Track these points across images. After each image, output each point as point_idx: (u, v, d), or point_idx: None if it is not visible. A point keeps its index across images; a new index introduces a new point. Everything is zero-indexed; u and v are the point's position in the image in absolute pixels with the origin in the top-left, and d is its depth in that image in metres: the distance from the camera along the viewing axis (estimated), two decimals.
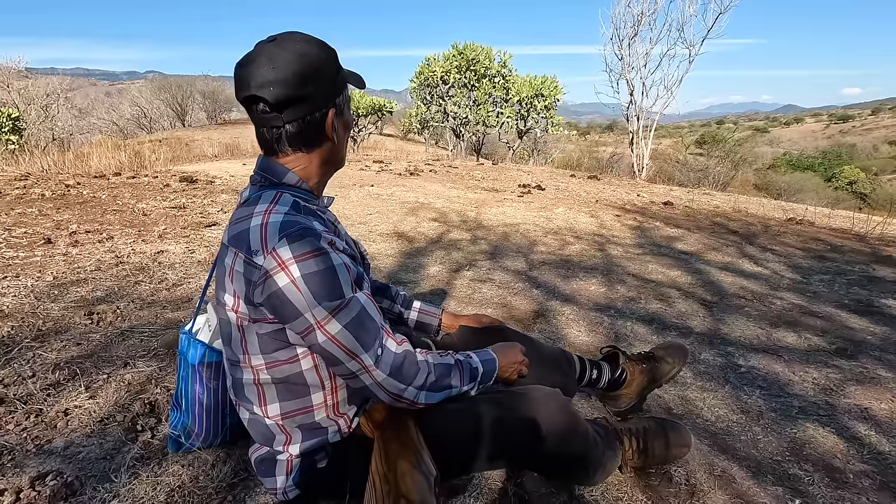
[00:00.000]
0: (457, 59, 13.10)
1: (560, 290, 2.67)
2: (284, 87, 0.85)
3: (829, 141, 60.93)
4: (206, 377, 1.11)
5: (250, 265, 0.84)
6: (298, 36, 0.89)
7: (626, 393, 1.45)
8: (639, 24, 10.03)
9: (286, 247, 0.82)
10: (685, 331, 2.20)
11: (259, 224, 0.85)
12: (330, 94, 0.91)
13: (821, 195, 18.94)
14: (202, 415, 1.13)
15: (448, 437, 0.97)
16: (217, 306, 0.94)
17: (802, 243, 4.02)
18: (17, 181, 5.14)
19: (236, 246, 0.87)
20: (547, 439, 0.97)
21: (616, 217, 4.86)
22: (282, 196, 0.90)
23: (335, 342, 0.84)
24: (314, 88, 0.88)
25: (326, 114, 0.91)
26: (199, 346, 1.10)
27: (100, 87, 58.65)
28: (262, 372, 0.92)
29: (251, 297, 0.85)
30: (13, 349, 1.70)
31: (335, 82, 0.92)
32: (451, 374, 0.95)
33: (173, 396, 1.17)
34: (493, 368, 1.05)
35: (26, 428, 1.30)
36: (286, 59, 0.85)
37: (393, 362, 0.88)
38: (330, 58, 0.90)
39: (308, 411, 0.95)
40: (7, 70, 14.72)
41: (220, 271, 0.92)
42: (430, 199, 5.30)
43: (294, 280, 0.81)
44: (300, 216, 0.88)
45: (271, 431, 0.96)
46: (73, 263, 2.68)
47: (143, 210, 4.17)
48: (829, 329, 2.26)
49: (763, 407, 1.62)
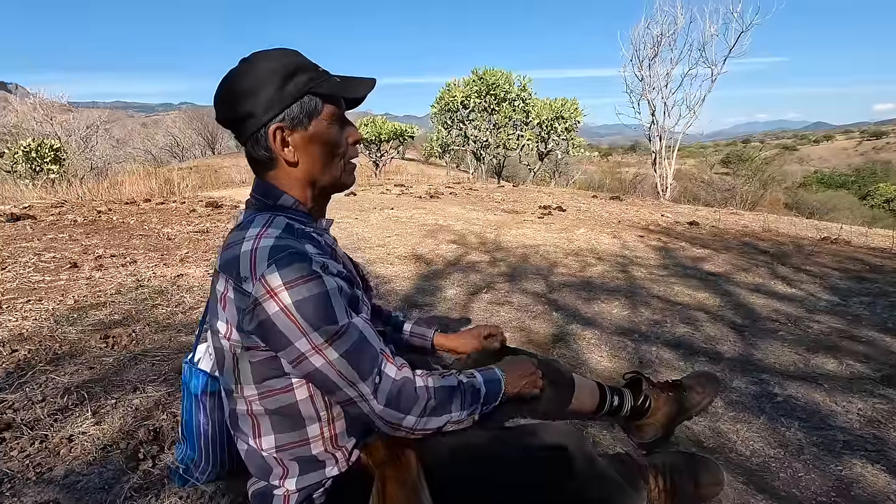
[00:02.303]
0: (477, 84, 13.28)
1: (581, 314, 2.58)
2: (222, 108, 0.88)
3: (862, 158, 59.12)
4: (209, 407, 1.07)
5: (240, 292, 0.81)
6: (257, 54, 0.88)
7: (651, 423, 1.34)
8: (658, 44, 10.02)
9: (275, 273, 0.78)
10: (714, 356, 2.07)
11: (249, 249, 0.81)
12: (268, 110, 0.86)
13: (856, 214, 18.25)
14: (206, 446, 1.09)
15: (451, 477, 0.90)
16: (212, 334, 0.91)
17: (839, 263, 3.83)
18: (53, 208, 5.34)
19: (226, 272, 0.83)
20: (560, 476, 0.90)
21: (639, 238, 4.74)
22: (275, 219, 0.87)
23: (333, 369, 0.80)
24: (249, 106, 0.85)
25: (266, 131, 0.86)
26: (201, 375, 1.06)
27: (136, 119, 61.56)
28: (255, 402, 0.87)
29: (242, 325, 0.82)
30: (27, 373, 1.71)
31: (278, 98, 0.86)
32: (452, 399, 0.89)
33: (180, 429, 1.13)
34: (498, 389, 0.98)
35: (29, 454, 1.28)
36: (227, 80, 0.87)
37: (391, 390, 0.83)
38: (271, 75, 0.85)
39: (304, 444, 0.90)
40: (50, 105, 15.57)
41: (212, 298, 0.89)
42: (449, 222, 5.28)
43: (285, 307, 0.78)
44: (291, 239, 0.84)
45: (268, 464, 0.91)
46: (94, 287, 2.72)
47: (167, 234, 4.26)
48: (873, 355, 2.10)
49: (803, 441, 1.49)
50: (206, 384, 1.06)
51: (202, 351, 1.08)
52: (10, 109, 17.19)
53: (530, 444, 0.93)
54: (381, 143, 15.20)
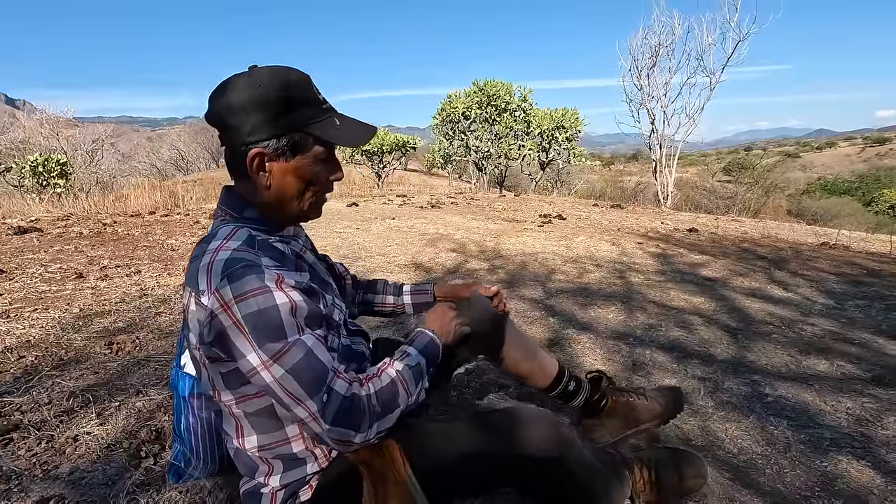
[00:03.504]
0: (478, 96, 13.41)
1: (577, 318, 2.61)
2: (215, 111, 0.87)
3: (865, 164, 58.98)
4: (196, 408, 1.12)
5: (199, 306, 0.82)
6: (265, 70, 0.87)
7: (602, 425, 1.36)
8: (657, 54, 10.12)
9: (227, 287, 0.79)
10: (707, 359, 2.10)
11: (206, 263, 0.82)
12: (254, 133, 0.86)
13: (860, 220, 18.20)
14: (197, 444, 1.14)
15: (437, 465, 0.93)
16: (187, 343, 0.93)
17: (836, 268, 3.85)
18: (60, 221, 5.43)
19: (190, 285, 0.85)
20: (539, 460, 0.93)
21: (638, 244, 4.77)
22: (237, 231, 0.88)
23: (279, 386, 0.80)
24: (238, 121, 0.86)
25: (247, 152, 0.87)
26: (187, 378, 1.11)
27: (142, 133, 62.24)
28: (234, 406, 0.90)
29: (203, 338, 0.83)
30: (34, 377, 1.76)
31: (269, 126, 0.86)
32: (395, 394, 0.90)
33: (173, 428, 1.18)
34: (436, 347, 1.02)
35: (36, 453, 1.33)
36: (231, 87, 0.86)
37: (339, 409, 0.82)
38: (270, 101, 0.85)
39: (285, 443, 0.92)
40: (57, 120, 15.82)
41: (183, 310, 0.91)
42: (449, 231, 5.33)
43: (236, 321, 0.79)
44: (249, 252, 0.84)
45: (254, 462, 0.94)
46: (99, 296, 2.78)
47: (171, 245, 4.33)
48: (865, 356, 2.13)
49: (791, 439, 1.51)
50: (193, 386, 1.11)
51: (188, 356, 1.12)
52: (17, 125, 17.47)
53: (505, 422, 0.96)
54: (384, 154, 15.35)
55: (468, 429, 0.96)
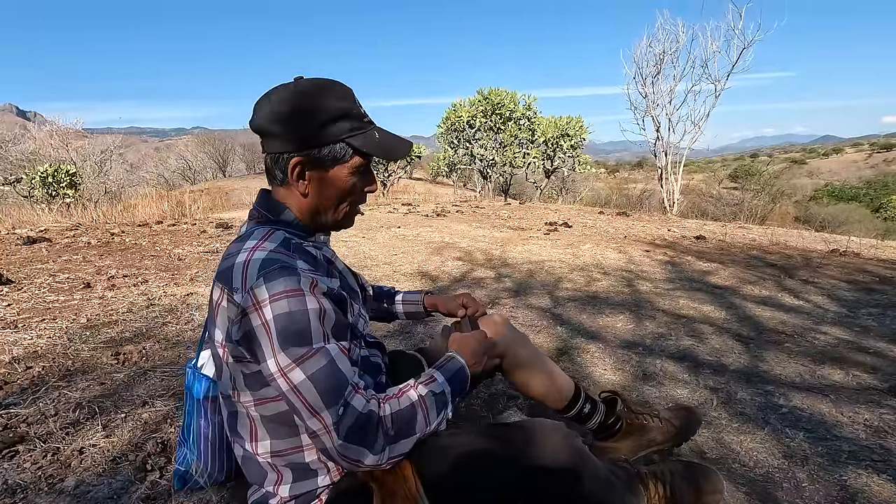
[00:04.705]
0: (482, 104, 13.46)
1: (585, 327, 2.59)
2: (260, 118, 0.90)
3: (872, 170, 58.55)
4: (210, 411, 1.09)
5: (231, 303, 0.83)
6: (310, 82, 0.90)
7: (617, 447, 1.33)
8: (661, 62, 10.13)
9: (262, 286, 0.79)
10: (719, 368, 2.07)
11: (242, 261, 0.83)
12: (298, 142, 0.89)
13: (868, 226, 18.02)
14: (207, 449, 1.11)
15: (448, 481, 0.91)
16: (209, 340, 0.93)
17: (847, 275, 3.80)
18: (68, 231, 5.47)
19: (222, 282, 0.85)
20: (552, 474, 0.91)
21: (645, 252, 4.74)
22: (273, 233, 0.89)
23: (296, 393, 0.79)
24: (282, 130, 0.88)
25: (289, 159, 0.90)
26: (203, 379, 1.09)
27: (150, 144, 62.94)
28: (252, 408, 0.89)
29: (231, 335, 0.84)
30: (41, 388, 1.75)
31: (312, 136, 0.89)
32: (413, 419, 0.87)
33: (180, 431, 1.16)
34: (465, 377, 0.99)
35: (42, 466, 1.31)
36: (277, 97, 0.89)
37: (354, 424, 0.80)
38: (314, 112, 0.88)
39: (298, 451, 0.91)
40: (67, 131, 16.03)
41: (210, 306, 0.92)
42: (455, 239, 5.32)
43: (265, 322, 0.79)
44: (285, 254, 0.85)
45: (263, 469, 0.93)
46: (107, 306, 2.78)
47: (178, 255, 4.34)
48: (880, 366, 2.08)
49: (808, 451, 1.48)
50: (209, 389, 1.09)
51: (206, 356, 1.10)
52: (28, 137, 17.72)
53: (518, 437, 0.94)
54: (389, 162, 15.40)
55: (480, 443, 0.94)
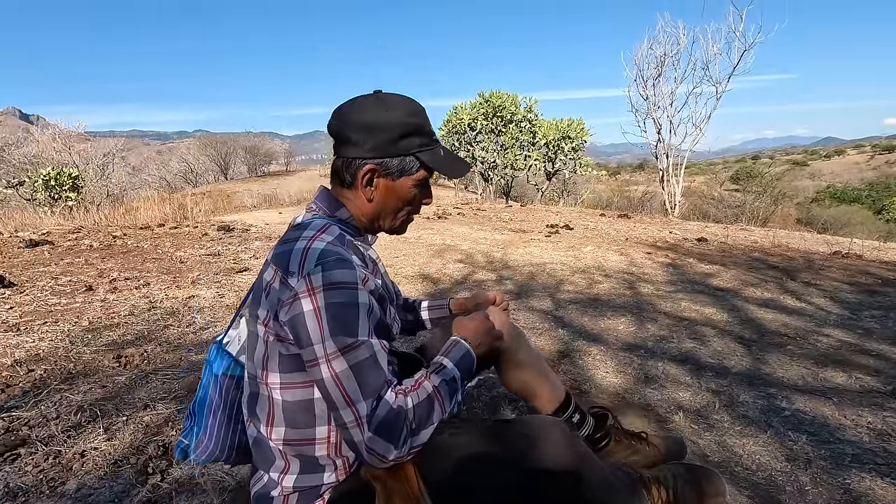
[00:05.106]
0: (483, 107, 13.48)
1: (587, 330, 2.58)
2: (337, 123, 0.97)
3: (875, 172, 58.41)
4: (225, 388, 1.09)
5: (284, 285, 0.86)
6: (391, 97, 0.97)
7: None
8: (662, 64, 10.14)
9: (319, 274, 0.84)
10: (721, 371, 2.06)
11: (301, 248, 0.88)
12: (373, 151, 0.95)
13: (871, 228, 17.97)
14: (213, 426, 1.10)
15: (450, 481, 0.91)
16: (249, 318, 0.97)
17: (850, 277, 3.79)
18: (70, 234, 5.48)
19: (277, 264, 0.89)
20: (556, 476, 0.91)
21: (647, 255, 4.73)
22: (330, 227, 0.95)
23: (336, 381, 0.83)
24: (361, 138, 0.95)
25: (362, 165, 0.96)
26: (226, 356, 1.09)
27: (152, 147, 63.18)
28: (276, 391, 0.92)
29: (278, 315, 0.87)
30: (43, 391, 1.75)
31: (387, 146, 0.95)
32: (432, 409, 0.91)
33: (190, 404, 1.15)
34: (470, 361, 1.03)
35: (43, 469, 1.31)
36: (358, 106, 0.96)
37: (385, 418, 0.84)
38: (392, 125, 0.95)
39: (310, 443, 0.93)
40: (69, 134, 16.08)
41: (258, 285, 0.95)
42: (456, 242, 5.32)
43: (317, 308, 0.83)
44: (341, 248, 0.91)
45: (273, 454, 0.95)
46: (108, 309, 2.79)
47: (180, 258, 4.35)
48: (883, 368, 2.08)
49: (811, 454, 1.47)
50: (229, 367, 1.09)
51: (232, 336, 1.12)
52: (31, 140, 17.77)
53: (530, 444, 0.94)
54: None
55: (481, 444, 0.94)
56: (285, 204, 14.15)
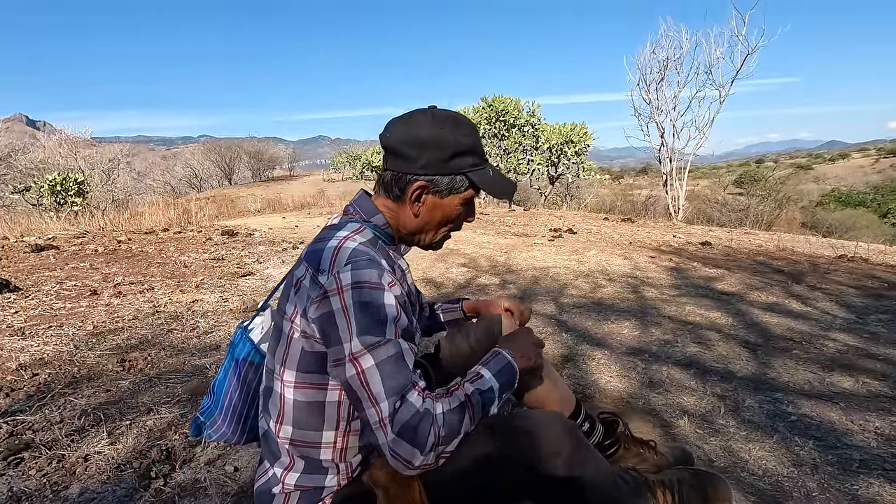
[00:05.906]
0: (486, 111, 13.51)
1: (591, 334, 2.57)
2: (394, 139, 0.97)
3: (880, 175, 58.08)
4: (244, 373, 1.10)
5: (315, 282, 0.87)
6: (446, 114, 0.98)
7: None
8: (665, 68, 10.15)
9: (349, 272, 0.85)
10: (727, 375, 2.05)
11: (334, 247, 0.89)
12: (425, 168, 0.96)
13: (876, 232, 17.86)
14: (229, 409, 1.11)
15: (451, 481, 0.90)
16: (275, 312, 0.98)
17: (856, 281, 3.77)
18: (76, 239, 5.51)
19: (309, 262, 0.91)
20: (557, 469, 0.90)
21: (651, 259, 4.72)
22: (364, 230, 0.96)
23: (361, 379, 0.82)
24: (414, 154, 0.96)
25: (413, 181, 0.97)
26: (248, 343, 1.10)
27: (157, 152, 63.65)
28: (289, 389, 0.92)
29: (307, 312, 0.88)
30: (47, 395, 1.76)
31: (440, 164, 0.96)
32: (462, 419, 0.87)
33: (211, 383, 1.16)
34: (513, 374, 0.98)
35: (47, 474, 1.32)
36: (413, 121, 0.97)
37: (410, 420, 0.81)
38: (446, 144, 0.96)
39: (315, 446, 0.93)
40: (75, 140, 16.20)
41: (289, 281, 0.96)
42: (459, 246, 5.32)
43: (345, 306, 0.83)
44: (372, 251, 0.91)
45: (279, 450, 0.95)
46: (113, 313, 2.80)
47: (184, 262, 4.36)
48: (890, 373, 2.06)
49: (818, 460, 1.46)
50: (250, 353, 1.10)
51: (257, 323, 1.13)
52: (38, 146, 17.92)
53: (531, 444, 0.93)
54: None
55: (481, 444, 0.93)
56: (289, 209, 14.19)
